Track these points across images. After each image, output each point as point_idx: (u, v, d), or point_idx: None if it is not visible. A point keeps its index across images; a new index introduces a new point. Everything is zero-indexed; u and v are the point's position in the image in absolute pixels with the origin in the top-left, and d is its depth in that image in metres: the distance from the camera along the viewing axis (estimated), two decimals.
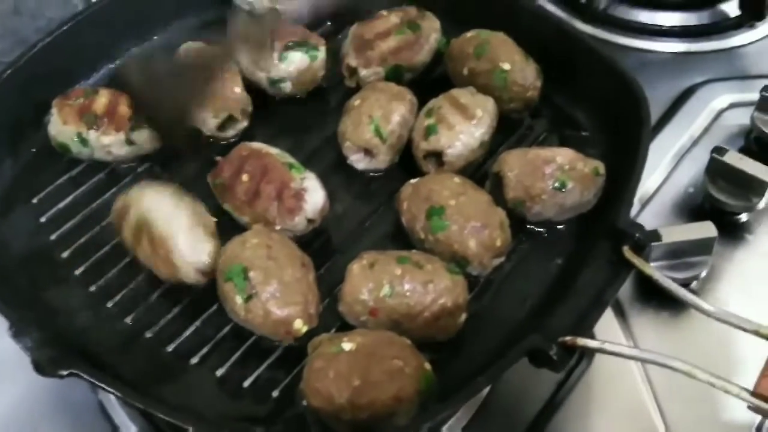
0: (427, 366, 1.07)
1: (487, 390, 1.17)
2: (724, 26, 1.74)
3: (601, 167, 1.28)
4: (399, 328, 1.12)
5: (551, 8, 1.75)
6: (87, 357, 1.09)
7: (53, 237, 1.30)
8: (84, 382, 1.03)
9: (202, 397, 1.12)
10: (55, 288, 1.24)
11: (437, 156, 1.33)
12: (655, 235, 1.24)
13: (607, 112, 1.40)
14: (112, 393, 1.03)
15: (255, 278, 1.12)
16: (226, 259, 1.17)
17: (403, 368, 1.03)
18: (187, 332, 1.19)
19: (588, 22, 1.72)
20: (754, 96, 1.48)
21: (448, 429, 1.15)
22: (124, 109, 1.36)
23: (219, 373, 1.15)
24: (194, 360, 1.16)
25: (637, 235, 1.12)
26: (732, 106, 1.58)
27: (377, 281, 1.13)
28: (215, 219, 1.25)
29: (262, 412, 1.11)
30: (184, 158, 1.39)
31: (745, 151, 1.45)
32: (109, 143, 1.36)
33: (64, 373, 1.01)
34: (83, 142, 1.35)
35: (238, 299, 1.13)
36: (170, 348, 1.17)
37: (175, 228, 1.19)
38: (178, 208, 1.21)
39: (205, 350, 1.17)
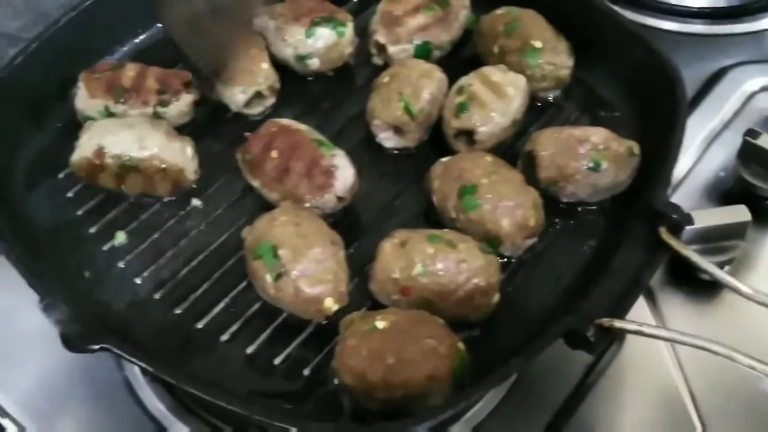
0: (461, 346, 1.06)
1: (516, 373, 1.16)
2: (755, 8, 1.71)
3: (635, 147, 1.26)
4: (431, 308, 1.11)
5: None
6: (115, 332, 1.08)
7: (80, 212, 1.29)
8: (109, 359, 1.02)
9: (233, 373, 1.11)
10: (82, 264, 1.23)
11: (468, 135, 1.32)
12: (687, 219, 1.23)
13: (640, 92, 1.38)
14: (144, 367, 1.02)
15: (284, 256, 1.11)
16: (255, 236, 1.15)
17: (436, 347, 1.02)
18: (217, 309, 1.18)
19: (618, 3, 1.70)
20: None
21: (476, 412, 1.14)
22: (152, 82, 1.35)
23: (249, 350, 1.14)
24: (224, 337, 1.15)
25: (674, 216, 1.11)
26: (763, 89, 1.56)
27: (409, 260, 1.12)
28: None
29: (293, 389, 1.10)
30: (212, 133, 1.37)
31: None
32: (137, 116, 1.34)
33: (95, 347, 1.00)
34: (110, 115, 1.34)
35: (268, 277, 1.12)
36: (200, 324, 1.16)
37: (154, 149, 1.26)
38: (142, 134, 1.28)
39: (235, 327, 1.16)
